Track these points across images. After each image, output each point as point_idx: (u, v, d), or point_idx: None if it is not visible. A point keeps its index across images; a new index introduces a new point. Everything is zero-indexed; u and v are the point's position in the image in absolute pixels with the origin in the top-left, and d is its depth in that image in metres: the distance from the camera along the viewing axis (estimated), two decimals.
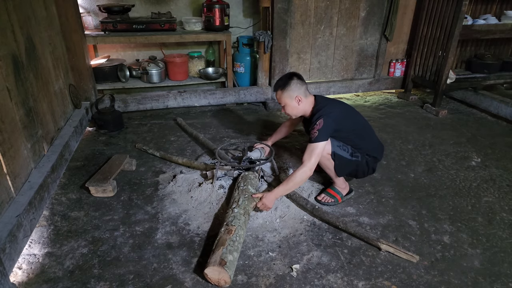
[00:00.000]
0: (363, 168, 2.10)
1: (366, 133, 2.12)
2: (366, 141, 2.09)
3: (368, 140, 2.12)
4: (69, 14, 2.78)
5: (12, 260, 1.52)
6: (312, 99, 2.05)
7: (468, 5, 3.69)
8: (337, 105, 2.06)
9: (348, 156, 2.02)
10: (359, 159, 2.05)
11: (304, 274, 1.64)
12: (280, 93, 2.02)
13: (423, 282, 1.61)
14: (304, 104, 2.02)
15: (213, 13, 3.32)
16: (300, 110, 2.05)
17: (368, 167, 2.11)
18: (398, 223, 2.00)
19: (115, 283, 1.57)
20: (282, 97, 2.02)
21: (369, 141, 2.12)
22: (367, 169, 2.12)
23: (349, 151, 2.03)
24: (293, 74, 2.03)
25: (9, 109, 1.77)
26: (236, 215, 1.77)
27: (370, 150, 2.10)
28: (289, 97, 2.00)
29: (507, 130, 3.26)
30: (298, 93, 1.99)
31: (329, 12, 3.58)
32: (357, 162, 2.05)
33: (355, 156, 2.04)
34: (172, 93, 3.47)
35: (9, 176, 1.69)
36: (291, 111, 2.06)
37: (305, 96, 2.02)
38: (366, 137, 2.11)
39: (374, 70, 4.05)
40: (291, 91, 1.99)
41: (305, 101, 2.02)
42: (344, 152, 2.01)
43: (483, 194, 2.28)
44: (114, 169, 2.29)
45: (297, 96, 1.99)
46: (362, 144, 2.06)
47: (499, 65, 3.92)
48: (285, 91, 2.00)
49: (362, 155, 2.06)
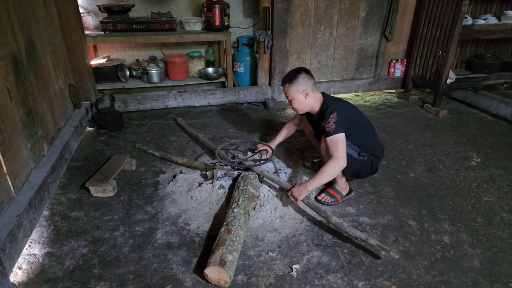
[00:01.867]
0: (367, 168, 2.11)
1: (372, 132, 2.15)
2: (372, 141, 2.13)
3: (374, 140, 2.15)
4: (69, 14, 2.78)
5: (12, 260, 1.52)
6: (320, 96, 2.07)
7: (468, 5, 3.69)
8: (345, 103, 2.09)
9: (355, 155, 2.03)
10: (365, 159, 2.07)
11: (304, 274, 1.64)
12: (288, 86, 2.03)
13: (423, 282, 1.61)
14: (311, 99, 2.03)
15: (213, 13, 3.32)
16: (307, 105, 2.06)
17: (372, 167, 2.14)
18: (398, 223, 2.00)
19: (115, 283, 1.57)
20: (289, 91, 2.03)
21: (375, 141, 2.15)
22: (371, 169, 2.15)
23: (357, 151, 2.04)
24: (302, 69, 2.05)
25: (9, 109, 1.77)
26: (236, 215, 1.77)
27: (375, 149, 2.13)
28: (297, 90, 2.01)
29: (507, 130, 3.26)
30: (305, 87, 2.00)
31: (329, 12, 3.58)
32: (363, 161, 2.07)
33: (361, 156, 2.06)
34: (172, 93, 3.48)
35: (9, 176, 1.69)
36: (298, 105, 2.06)
37: (313, 91, 2.03)
38: (372, 137, 2.13)
39: (374, 70, 4.05)
40: (298, 85, 2.00)
41: (312, 96, 2.03)
42: (352, 151, 2.02)
43: (483, 194, 2.28)
44: (114, 169, 2.29)
45: (304, 89, 2.00)
46: (368, 144, 2.08)
47: (499, 65, 3.91)
48: (293, 85, 2.01)
49: (367, 155, 2.08)
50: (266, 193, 2.10)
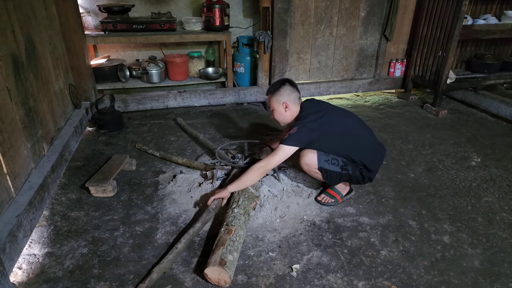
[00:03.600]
0: (356, 178, 2.02)
1: (361, 142, 2.00)
2: (360, 152, 1.97)
3: (364, 150, 1.99)
4: (69, 14, 2.78)
5: (12, 260, 1.52)
6: (297, 110, 2.04)
7: (468, 5, 3.69)
8: (324, 114, 1.94)
9: (338, 169, 1.97)
10: (349, 172, 1.98)
11: (304, 274, 1.64)
12: (269, 97, 2.06)
13: (423, 282, 1.61)
14: (291, 111, 2.02)
15: (213, 13, 3.32)
16: (287, 117, 2.06)
17: (363, 177, 2.02)
18: (398, 223, 2.00)
19: (115, 283, 1.57)
20: (271, 102, 2.05)
21: (365, 152, 1.99)
22: (362, 179, 2.03)
23: (339, 164, 1.96)
24: (286, 80, 2.05)
25: (9, 109, 1.77)
26: (236, 215, 1.77)
27: (366, 161, 1.97)
28: (277, 101, 2.01)
29: (507, 130, 3.26)
30: (287, 99, 1.99)
31: (329, 12, 3.58)
32: (348, 174, 1.98)
33: (345, 170, 1.97)
34: (172, 93, 3.48)
35: (9, 176, 1.69)
36: (278, 117, 2.08)
37: (294, 104, 2.01)
38: (361, 148, 1.99)
39: (374, 70, 4.05)
40: (279, 96, 2.00)
41: (294, 109, 2.02)
42: (333, 166, 1.96)
43: (483, 194, 2.28)
44: (114, 169, 2.29)
45: (284, 102, 1.99)
46: (355, 156, 1.96)
47: (499, 65, 3.92)
48: (274, 96, 2.02)
49: (354, 167, 1.98)
50: (266, 193, 2.10)
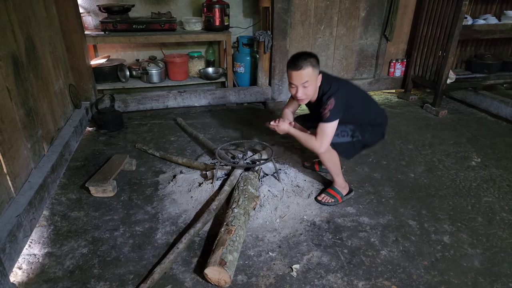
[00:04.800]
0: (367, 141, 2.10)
1: (370, 102, 2.12)
2: (371, 111, 2.10)
3: (373, 108, 2.12)
4: (69, 14, 2.78)
5: (12, 260, 1.53)
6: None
7: (468, 5, 3.69)
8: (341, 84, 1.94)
9: (348, 139, 2.03)
10: (359, 137, 2.05)
11: (304, 274, 1.64)
12: (304, 71, 1.79)
13: (423, 282, 1.61)
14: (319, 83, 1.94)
15: (213, 13, 3.32)
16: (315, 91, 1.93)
17: (376, 135, 2.12)
18: (398, 223, 2.00)
19: (115, 283, 1.57)
20: (307, 75, 1.80)
21: (374, 109, 2.12)
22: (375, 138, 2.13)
23: (349, 134, 2.03)
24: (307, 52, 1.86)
25: (9, 109, 1.77)
26: (236, 215, 1.77)
27: (377, 117, 2.10)
28: (315, 74, 1.84)
29: (507, 130, 3.26)
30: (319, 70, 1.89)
31: (329, 12, 3.58)
32: (359, 140, 2.06)
33: (355, 137, 2.05)
34: (172, 93, 3.48)
35: (9, 176, 1.69)
36: (310, 92, 1.88)
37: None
38: (371, 106, 2.11)
39: (374, 70, 4.05)
40: (318, 67, 1.85)
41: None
42: (343, 138, 2.01)
43: (483, 194, 2.28)
44: (114, 169, 2.29)
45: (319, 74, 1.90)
46: (368, 116, 2.07)
47: (499, 65, 3.91)
48: (315, 68, 1.82)
49: (362, 131, 2.05)
50: (266, 193, 2.10)
